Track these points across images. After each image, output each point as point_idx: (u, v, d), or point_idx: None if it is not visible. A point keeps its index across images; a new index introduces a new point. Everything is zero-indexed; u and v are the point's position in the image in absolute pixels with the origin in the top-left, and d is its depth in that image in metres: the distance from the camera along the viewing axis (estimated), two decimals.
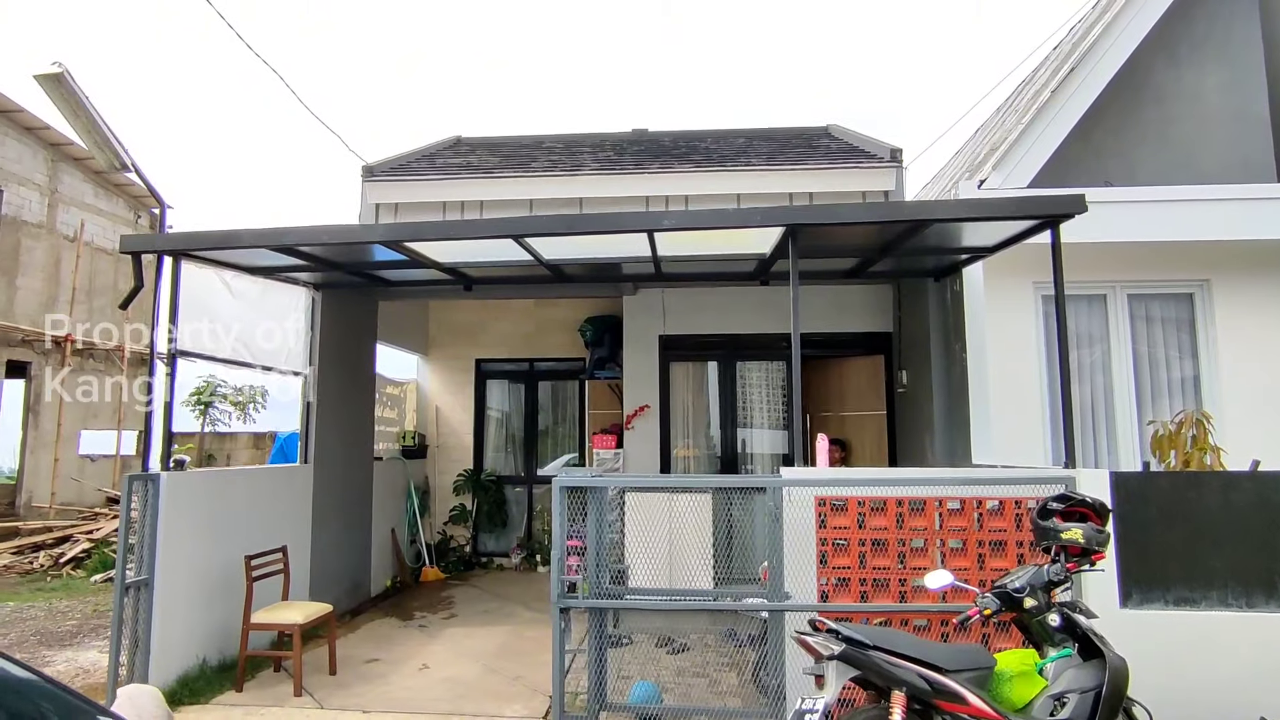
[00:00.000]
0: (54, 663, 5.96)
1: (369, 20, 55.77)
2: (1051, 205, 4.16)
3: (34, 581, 9.77)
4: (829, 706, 2.96)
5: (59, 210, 14.72)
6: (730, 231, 4.78)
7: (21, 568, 10.84)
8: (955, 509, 4.25)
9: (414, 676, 5.25)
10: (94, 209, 15.50)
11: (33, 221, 14.18)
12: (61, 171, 14.96)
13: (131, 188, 16.50)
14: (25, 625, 7.14)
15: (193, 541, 4.98)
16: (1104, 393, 6.47)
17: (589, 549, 4.30)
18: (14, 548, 11.53)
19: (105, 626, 6.70)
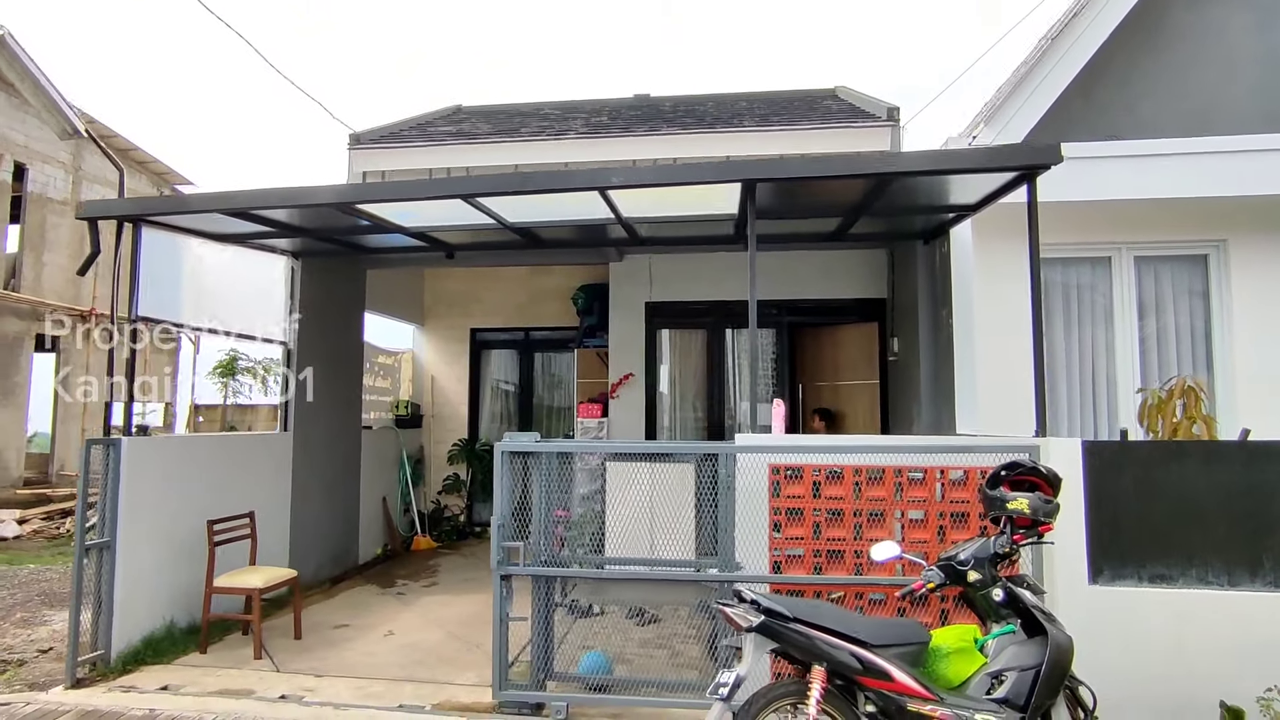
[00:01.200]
0: (51, 622, 6.14)
1: (369, 20, 55.88)
2: (1025, 155, 3.86)
3: (59, 545, 10.12)
4: (740, 679, 2.83)
5: (83, 187, 15.04)
6: (692, 190, 4.56)
7: (50, 532, 11.29)
8: (917, 479, 4.05)
9: (377, 643, 5.27)
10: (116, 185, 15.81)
11: (58, 199, 14.51)
12: (85, 149, 15.25)
13: (153, 164, 16.79)
14: (38, 586, 7.38)
15: (159, 505, 5.03)
16: (1106, 362, 6.10)
17: (533, 516, 4.20)
18: (44, 513, 12.01)
19: None
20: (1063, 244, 6.01)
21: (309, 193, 4.40)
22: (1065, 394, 6.07)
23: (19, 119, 14.19)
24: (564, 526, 5.78)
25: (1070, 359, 6.13)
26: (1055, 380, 6.05)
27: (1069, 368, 6.12)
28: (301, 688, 4.40)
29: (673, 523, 4.58)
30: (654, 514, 4.62)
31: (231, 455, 5.83)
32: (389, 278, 8.71)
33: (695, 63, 61.62)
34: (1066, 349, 6.13)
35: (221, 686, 4.42)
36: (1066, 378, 6.10)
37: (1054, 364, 6.07)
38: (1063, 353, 6.12)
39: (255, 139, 44.16)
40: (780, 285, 7.36)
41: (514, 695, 4.07)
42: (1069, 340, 6.12)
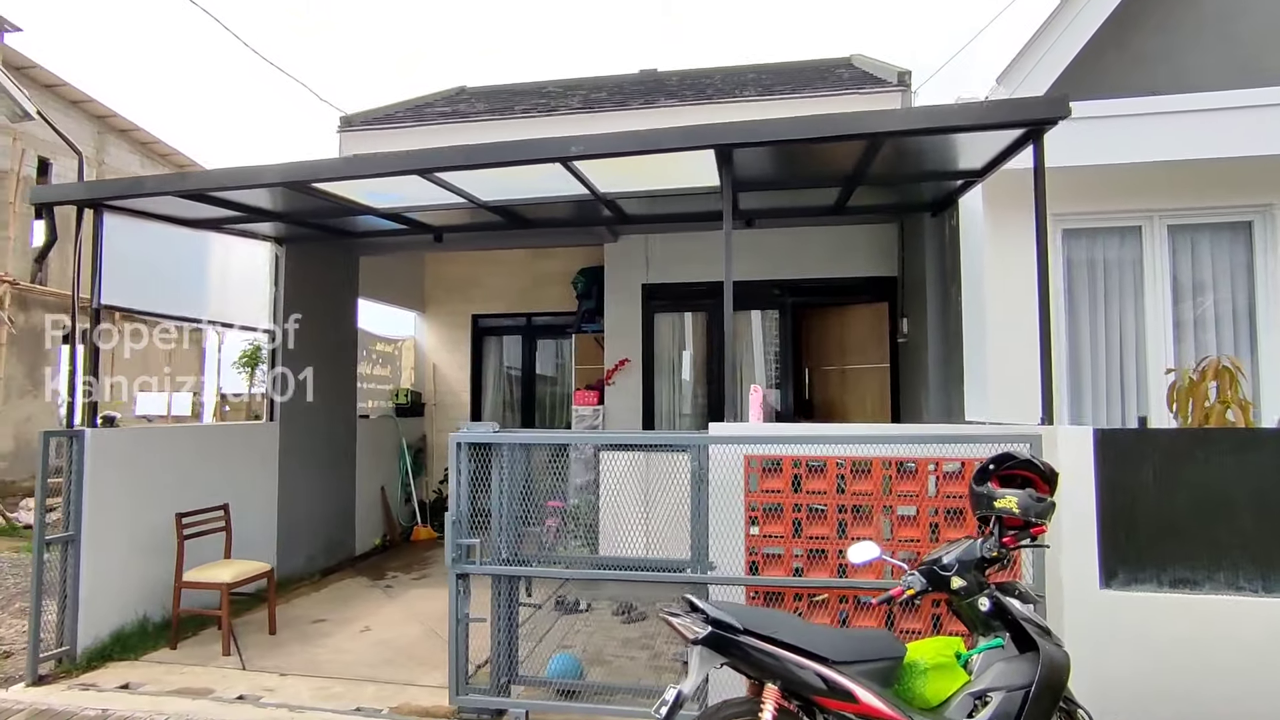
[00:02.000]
0: (48, 610, 6.12)
1: (369, 21, 55.20)
2: (1029, 109, 3.42)
3: None
4: (682, 697, 2.52)
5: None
6: (669, 162, 4.22)
7: None
8: (908, 471, 3.67)
9: (352, 639, 5.09)
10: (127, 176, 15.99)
11: None
12: (108, 143, 15.46)
13: (175, 156, 16.97)
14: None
15: (128, 498, 4.91)
16: (1136, 342, 5.58)
17: (493, 512, 3.94)
18: None
19: None
20: (1087, 213, 5.52)
21: (256, 172, 4.18)
22: (1090, 378, 5.58)
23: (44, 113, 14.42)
24: (559, 517, 5.56)
25: (1096, 339, 5.62)
26: (1079, 363, 5.56)
27: (1095, 349, 5.62)
28: (262, 687, 4.24)
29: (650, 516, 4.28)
30: (649, 508, 4.33)
31: (210, 446, 5.70)
32: (388, 264, 8.54)
33: (712, 39, 59.72)
34: (1092, 328, 5.63)
35: (182, 685, 4.28)
36: (1092, 360, 5.60)
37: (1078, 345, 5.58)
38: (1088, 332, 5.62)
39: (264, 127, 44.59)
40: (784, 264, 6.97)
41: (473, 701, 3.83)
42: (1094, 319, 5.61)
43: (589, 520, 5.22)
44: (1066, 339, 5.57)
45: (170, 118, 52.12)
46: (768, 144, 3.71)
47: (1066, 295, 5.59)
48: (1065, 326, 5.58)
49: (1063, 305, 5.57)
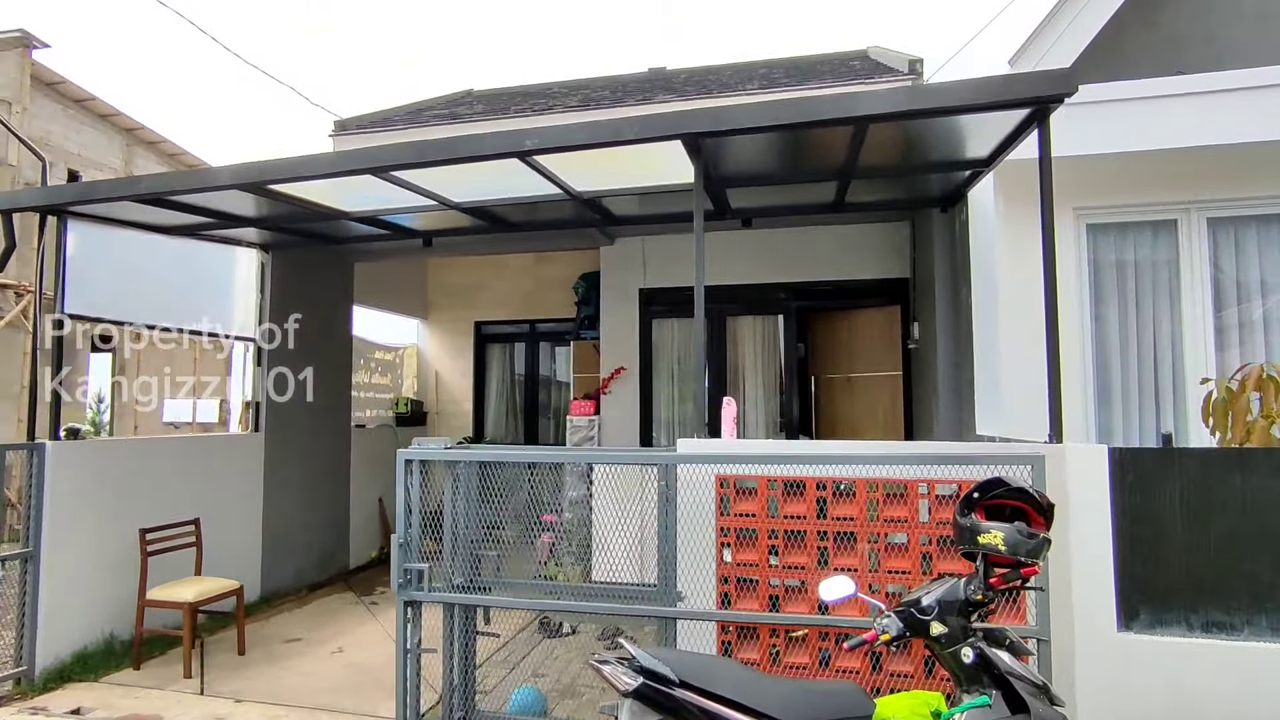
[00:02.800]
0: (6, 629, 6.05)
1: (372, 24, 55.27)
2: (1026, 85, 3.02)
3: None
4: None
5: None
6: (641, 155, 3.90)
7: None
8: (896, 494, 3.28)
9: (322, 660, 4.87)
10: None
11: None
12: (136, 155, 15.76)
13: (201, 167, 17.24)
14: None
15: (94, 513, 4.77)
16: (1173, 349, 5.06)
17: (445, 535, 3.66)
18: None
19: None
20: (1115, 206, 5.05)
21: (209, 174, 4.00)
22: (1120, 389, 5.08)
23: (74, 128, 14.79)
24: (553, 533, 5.27)
25: (1127, 346, 5.12)
26: (1107, 373, 5.07)
27: (1125, 357, 5.11)
28: (214, 714, 4.03)
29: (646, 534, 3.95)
30: (645, 524, 4.00)
31: (187, 458, 5.56)
32: (388, 270, 8.38)
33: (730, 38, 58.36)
34: (1122, 334, 5.13)
35: (132, 710, 4.09)
36: (1122, 369, 5.10)
37: (1105, 352, 5.09)
38: (1116, 338, 5.12)
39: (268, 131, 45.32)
40: (789, 266, 6.59)
41: None
42: (1124, 323, 5.11)
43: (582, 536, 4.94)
44: (1092, 346, 5.08)
45: (195, 129, 53.45)
46: (739, 132, 3.36)
47: (1092, 297, 5.11)
48: (1091, 332, 5.10)
49: (1088, 308, 5.09)
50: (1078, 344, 5.04)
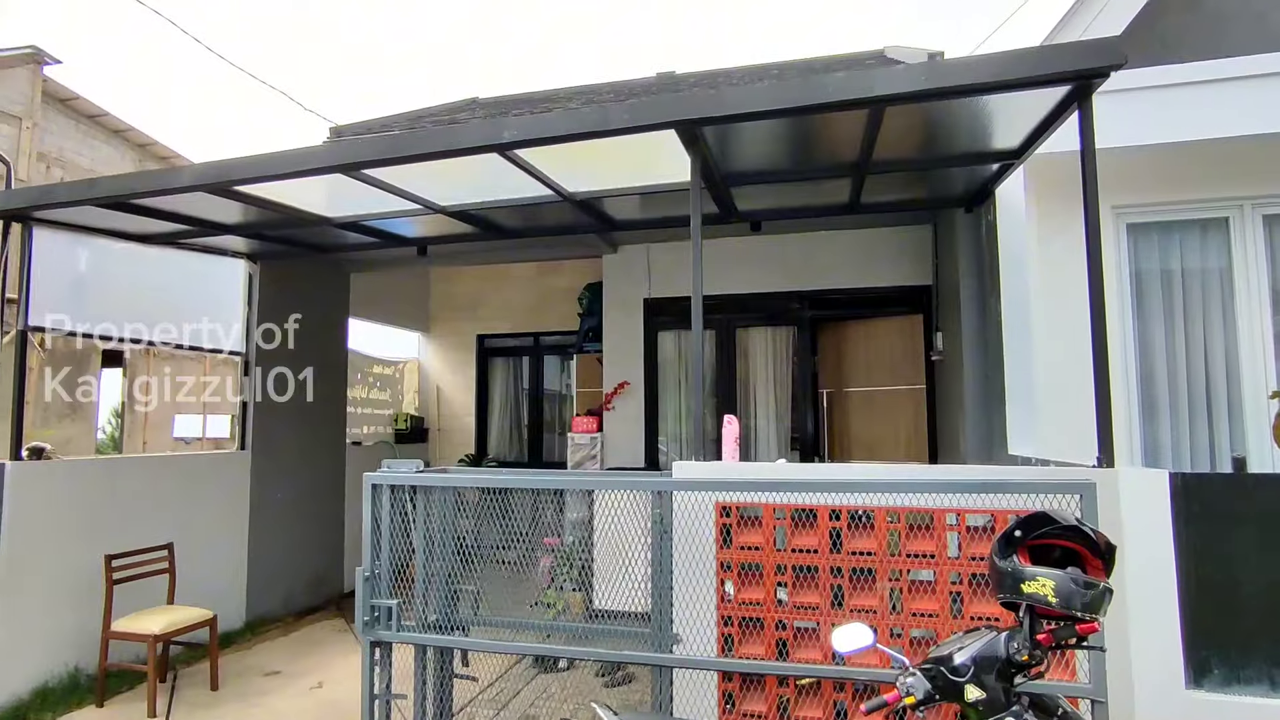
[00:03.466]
0: None
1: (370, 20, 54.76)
2: (1065, 58, 2.64)
3: None
4: None
5: None
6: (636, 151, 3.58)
7: None
8: (922, 525, 2.88)
9: (297, 697, 4.53)
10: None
11: None
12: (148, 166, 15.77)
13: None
14: None
15: (59, 538, 4.49)
16: (1225, 358, 4.61)
17: (417, 568, 3.31)
18: None
19: None
20: (1158, 204, 4.64)
21: (171, 175, 3.74)
22: (1169, 407, 4.62)
23: (87, 144, 14.84)
24: (553, 556, 4.93)
25: (1175, 358, 4.66)
26: (1153, 388, 4.62)
27: (1173, 370, 4.66)
28: None
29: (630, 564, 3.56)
30: (649, 553, 3.62)
31: (164, 479, 5.27)
32: (389, 282, 8.13)
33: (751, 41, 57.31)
34: (1168, 343, 4.68)
35: None
36: (1169, 382, 4.64)
37: (1151, 365, 4.64)
38: (1162, 348, 4.67)
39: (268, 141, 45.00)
40: (803, 273, 6.21)
41: None
42: (1170, 330, 4.67)
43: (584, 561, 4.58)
44: (1135, 357, 4.64)
45: (201, 141, 53.88)
46: (741, 118, 3.01)
47: (1134, 303, 4.67)
48: (1134, 342, 4.66)
49: (1129, 316, 4.66)
50: (1119, 355, 4.60)
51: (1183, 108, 4.24)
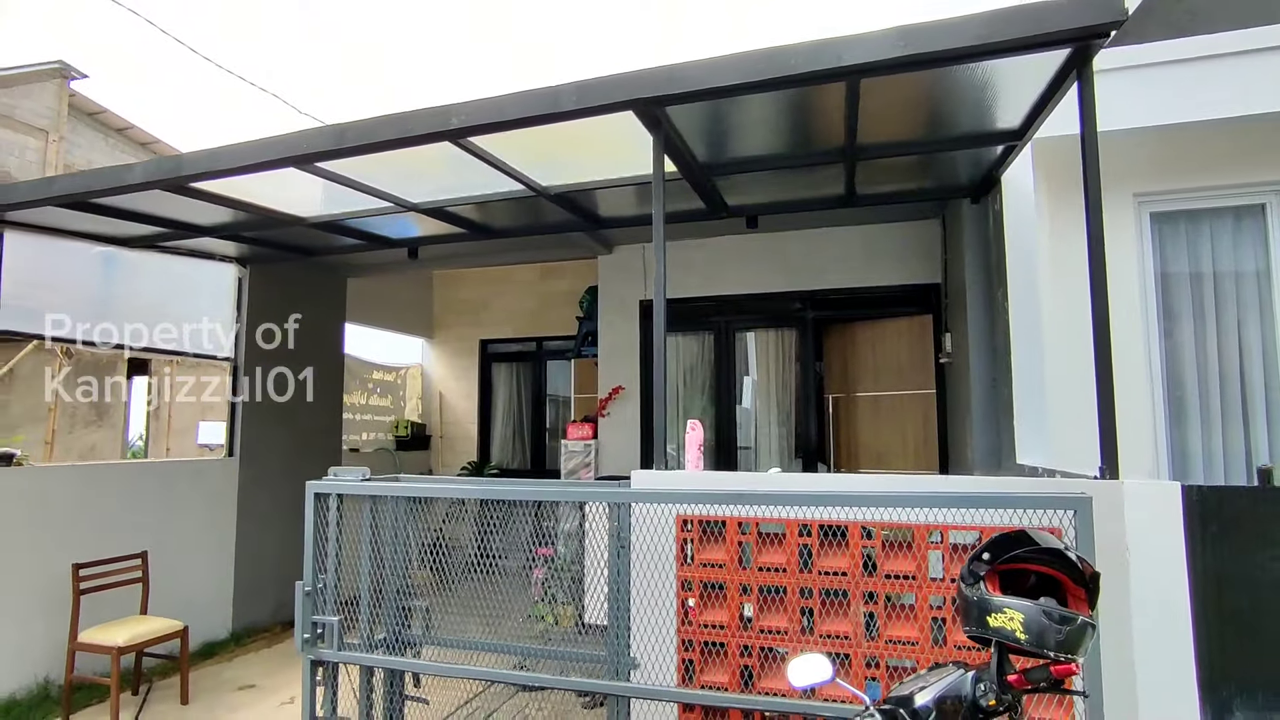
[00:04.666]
0: None
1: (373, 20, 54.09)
2: (1057, 16, 2.33)
3: None
4: None
5: None
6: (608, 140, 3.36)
7: None
8: (901, 542, 2.59)
9: (267, 713, 4.36)
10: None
11: None
12: None
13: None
14: None
15: (29, 546, 4.41)
16: (1262, 359, 4.20)
17: (362, 583, 3.11)
18: None
19: None
20: (1185, 190, 4.28)
21: (123, 172, 3.63)
22: (1199, 413, 4.23)
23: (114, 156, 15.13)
24: (546, 567, 4.72)
25: (1205, 357, 4.28)
26: (1182, 391, 4.23)
27: (1204, 373, 4.27)
28: None
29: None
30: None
31: (144, 486, 5.19)
32: (391, 287, 8.03)
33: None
34: (1199, 342, 4.30)
35: None
36: (1200, 385, 4.26)
37: (1179, 369, 4.26)
38: (1191, 348, 4.29)
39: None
40: (803, 272, 5.92)
41: None
42: (1201, 329, 4.29)
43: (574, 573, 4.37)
44: (1161, 358, 4.26)
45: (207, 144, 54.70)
46: (702, 96, 2.77)
47: (1159, 300, 4.30)
48: (1160, 341, 4.28)
49: (1154, 313, 4.29)
50: (1142, 356, 4.24)
51: (1212, 83, 3.89)
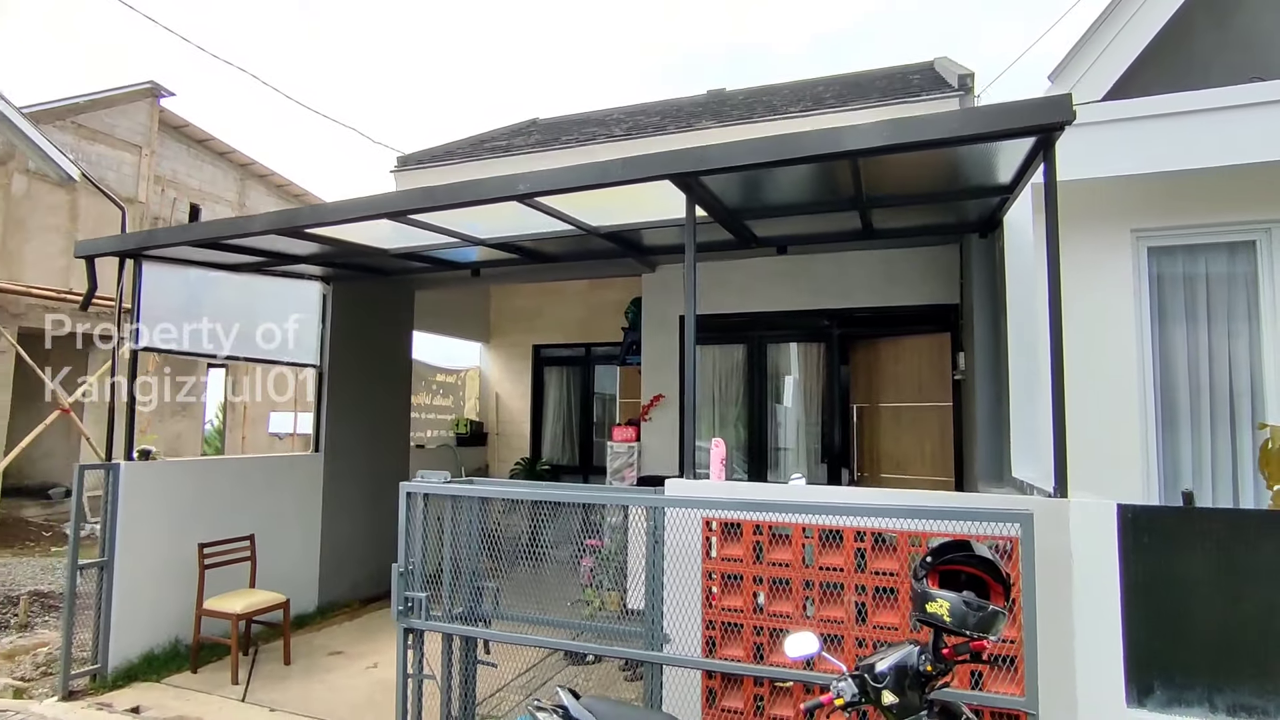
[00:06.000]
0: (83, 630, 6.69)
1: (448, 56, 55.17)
2: (1020, 115, 2.83)
3: None
4: None
5: None
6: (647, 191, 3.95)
7: None
8: (887, 545, 3.13)
9: (355, 675, 5.12)
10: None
11: None
12: (248, 188, 17.26)
13: (306, 197, 18.63)
14: None
15: (163, 527, 5.24)
16: (1250, 388, 4.56)
17: (445, 566, 3.79)
18: None
19: None
20: (1181, 227, 4.64)
21: (248, 222, 4.37)
22: (1191, 437, 4.61)
23: (196, 166, 16.40)
24: (594, 557, 5.35)
25: (1197, 387, 4.65)
26: (1174, 417, 4.61)
27: (1195, 400, 4.65)
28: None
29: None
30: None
31: (249, 478, 6.01)
32: (452, 297, 8.77)
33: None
34: (1191, 371, 4.67)
35: (182, 712, 4.46)
36: (1192, 415, 4.63)
37: (1172, 395, 4.64)
38: (1185, 376, 4.66)
39: (352, 161, 46.95)
40: (830, 292, 6.41)
41: None
42: (1194, 358, 4.66)
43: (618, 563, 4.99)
44: (1156, 386, 4.64)
45: (294, 161, 57.13)
46: (724, 171, 3.34)
47: (1154, 330, 4.69)
48: (1154, 369, 4.66)
49: (1149, 342, 4.67)
50: (1136, 379, 4.63)
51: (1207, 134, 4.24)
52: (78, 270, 12.76)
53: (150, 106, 14.33)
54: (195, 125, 15.72)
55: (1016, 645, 2.69)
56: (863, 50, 56.45)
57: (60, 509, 12.62)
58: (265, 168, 17.34)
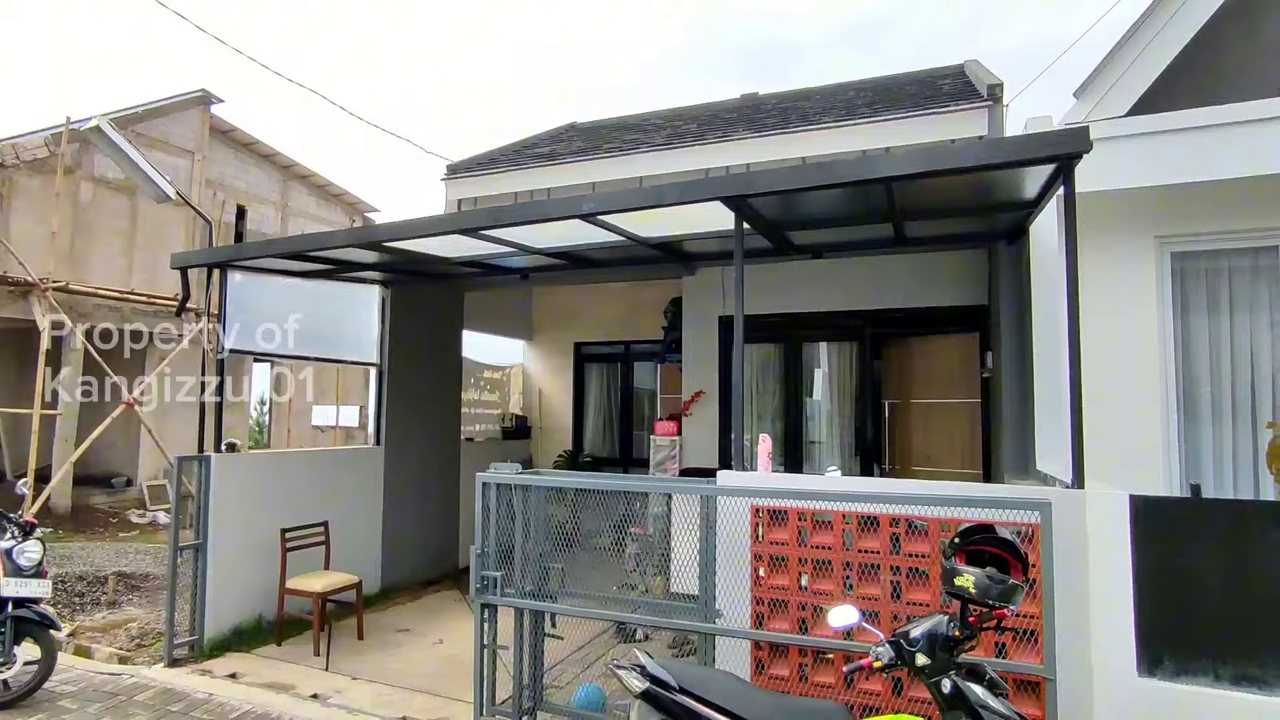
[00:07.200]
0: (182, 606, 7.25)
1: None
2: (1040, 145, 3.14)
3: None
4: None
5: (289, 221, 17.63)
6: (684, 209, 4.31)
7: None
8: (920, 530, 3.47)
9: (423, 650, 5.59)
10: (317, 217, 18.30)
11: (270, 233, 17.11)
12: (290, 189, 17.89)
13: (345, 196, 19.25)
14: None
15: (247, 513, 5.75)
16: (1272, 390, 4.79)
17: (515, 549, 4.21)
18: None
19: None
20: (1205, 233, 4.87)
21: (330, 237, 4.81)
22: (1211, 434, 4.86)
23: (242, 169, 17.06)
24: (639, 544, 5.74)
25: (1220, 386, 4.89)
26: (1196, 414, 4.85)
27: (1217, 398, 4.89)
28: (333, 688, 4.80)
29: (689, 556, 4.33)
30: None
31: (321, 469, 6.51)
32: (497, 297, 9.21)
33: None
34: (1214, 369, 4.91)
35: (273, 679, 4.95)
36: (1214, 412, 4.88)
37: (1194, 392, 4.88)
38: (1207, 378, 4.90)
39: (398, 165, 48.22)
40: (863, 294, 6.71)
41: None
42: (1217, 361, 4.90)
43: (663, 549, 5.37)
44: (1177, 384, 4.89)
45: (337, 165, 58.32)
46: (770, 194, 3.69)
47: (1178, 332, 4.93)
48: (1176, 369, 4.91)
49: (1172, 344, 4.92)
50: (1157, 384, 4.87)
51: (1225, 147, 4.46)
52: (138, 271, 13.49)
53: (201, 113, 14.98)
54: (242, 130, 16.35)
55: (1037, 619, 3.02)
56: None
57: (122, 497, 13.36)
58: (306, 169, 17.95)
